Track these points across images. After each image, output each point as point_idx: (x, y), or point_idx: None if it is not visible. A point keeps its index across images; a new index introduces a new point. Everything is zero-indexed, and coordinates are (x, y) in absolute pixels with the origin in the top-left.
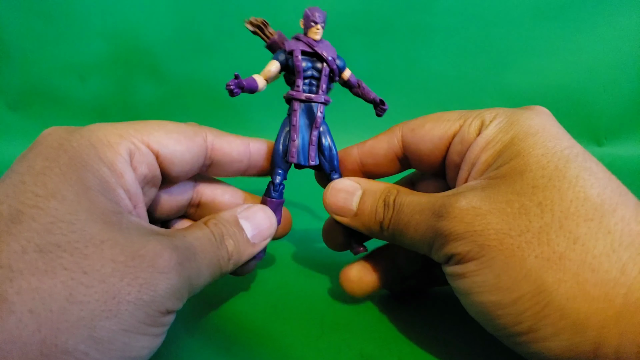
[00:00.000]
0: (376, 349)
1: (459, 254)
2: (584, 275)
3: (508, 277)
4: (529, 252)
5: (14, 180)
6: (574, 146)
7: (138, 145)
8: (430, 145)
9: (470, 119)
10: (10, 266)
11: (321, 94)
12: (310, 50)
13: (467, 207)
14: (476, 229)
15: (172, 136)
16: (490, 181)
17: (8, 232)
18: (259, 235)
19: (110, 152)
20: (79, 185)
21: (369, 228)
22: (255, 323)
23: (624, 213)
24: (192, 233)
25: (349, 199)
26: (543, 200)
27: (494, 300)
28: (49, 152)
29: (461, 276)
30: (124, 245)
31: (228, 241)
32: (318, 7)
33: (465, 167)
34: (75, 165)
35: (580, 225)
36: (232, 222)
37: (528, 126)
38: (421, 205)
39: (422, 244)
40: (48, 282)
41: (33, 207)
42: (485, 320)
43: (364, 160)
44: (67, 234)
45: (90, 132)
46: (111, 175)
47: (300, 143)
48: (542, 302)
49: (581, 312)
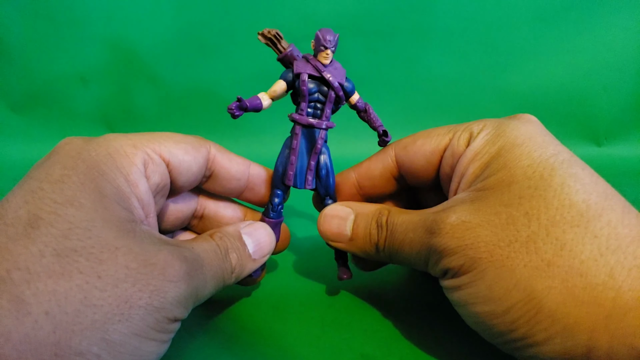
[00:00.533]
0: (376, 349)
1: (452, 268)
2: (573, 280)
3: (499, 287)
4: (517, 262)
5: (33, 187)
6: (560, 153)
7: (151, 155)
8: (423, 160)
9: (459, 132)
10: (28, 269)
11: (324, 119)
12: (318, 75)
13: (457, 222)
14: (467, 243)
15: (180, 146)
16: (479, 193)
17: (27, 236)
18: (260, 252)
19: (127, 162)
20: (96, 193)
21: (365, 251)
22: (256, 323)
23: (610, 217)
24: (199, 245)
25: (342, 225)
26: (529, 210)
27: (487, 310)
28: (67, 160)
29: (456, 289)
30: (137, 253)
31: (232, 255)
32: (330, 30)
33: (455, 179)
34: (92, 174)
35: (566, 232)
36: (236, 237)
37: (514, 137)
38: (413, 224)
39: (419, 261)
40: (64, 284)
41: (51, 213)
42: (482, 330)
43: (361, 182)
44: (84, 240)
45: (107, 142)
46: (127, 185)
47: (299, 167)
48: (533, 309)
49: (571, 316)
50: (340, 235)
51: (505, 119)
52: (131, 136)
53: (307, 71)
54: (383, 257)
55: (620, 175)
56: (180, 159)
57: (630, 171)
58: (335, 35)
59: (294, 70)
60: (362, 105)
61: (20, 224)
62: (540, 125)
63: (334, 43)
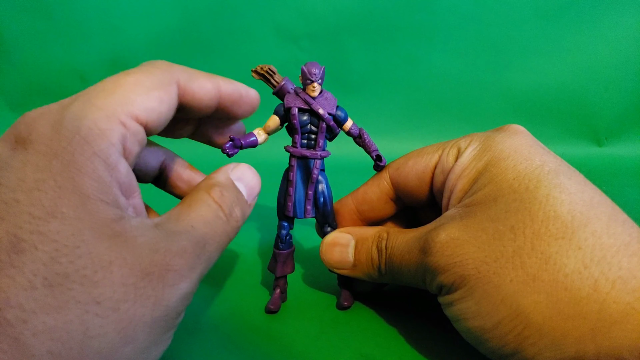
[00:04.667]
0: (376, 349)
1: (445, 285)
2: (558, 294)
3: (487, 303)
4: (504, 277)
5: (6, 198)
6: (545, 163)
7: (128, 123)
8: (416, 180)
9: (447, 149)
10: (22, 305)
11: (318, 149)
12: (307, 107)
13: (446, 239)
14: (455, 261)
15: (153, 95)
16: (467, 209)
17: (11, 265)
18: (252, 194)
19: (104, 144)
20: (77, 196)
21: (369, 275)
22: (255, 323)
23: (595, 227)
24: (200, 217)
25: (344, 252)
26: (515, 224)
27: (478, 325)
28: (38, 160)
29: (450, 305)
30: (133, 263)
31: (236, 210)
32: (316, 63)
33: (445, 195)
34: (70, 172)
35: (551, 245)
36: (231, 186)
37: (500, 150)
38: (408, 245)
39: (418, 280)
40: (62, 319)
41: (33, 232)
42: (477, 344)
43: (360, 207)
44: (74, 261)
45: (78, 122)
46: (106, 171)
47: (297, 197)
48: (520, 324)
49: (558, 330)
50: (344, 262)
51: (492, 131)
52: (100, 103)
53: (296, 105)
54: (387, 279)
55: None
56: (157, 113)
57: (631, 171)
58: (321, 67)
59: (284, 105)
60: (355, 131)
61: (2, 249)
62: (528, 135)
63: (319, 75)
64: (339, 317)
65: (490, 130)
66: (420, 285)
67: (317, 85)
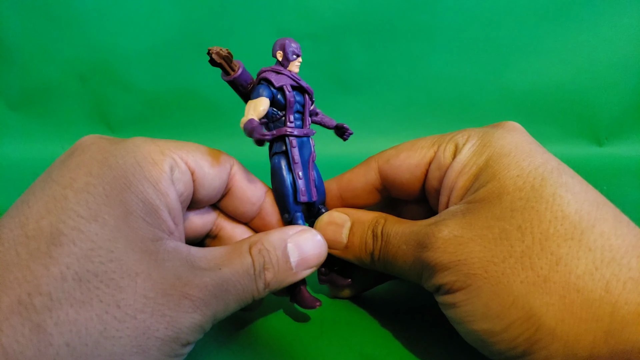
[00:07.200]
0: (376, 349)
1: (446, 284)
2: (570, 296)
3: (497, 305)
4: (514, 278)
5: (56, 194)
6: (548, 162)
7: (178, 162)
8: (408, 174)
9: (444, 144)
10: (50, 294)
11: (309, 126)
12: (296, 84)
13: (449, 236)
14: (460, 259)
15: (207, 158)
16: (469, 206)
17: (48, 255)
18: (304, 264)
19: (156, 171)
20: (121, 208)
21: (360, 259)
22: (255, 323)
23: (602, 228)
24: (231, 265)
25: (338, 232)
26: (522, 224)
27: (485, 328)
28: (92, 165)
29: (452, 306)
30: (156, 280)
31: (268, 272)
32: (292, 38)
33: (444, 192)
34: (119, 185)
35: (561, 246)
36: (279, 248)
37: (501, 146)
38: (406, 236)
39: (412, 274)
40: (84, 314)
41: (74, 228)
42: (481, 347)
43: (344, 194)
44: (105, 263)
45: (134, 148)
46: (156, 195)
47: (306, 180)
48: (532, 327)
49: (571, 334)
50: (336, 242)
51: (489, 127)
52: (158, 142)
53: (288, 83)
54: (378, 267)
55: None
56: (205, 171)
57: (631, 171)
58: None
59: (274, 84)
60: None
61: (42, 238)
62: (525, 133)
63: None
64: (339, 317)
65: (486, 126)
66: (413, 279)
67: (301, 60)
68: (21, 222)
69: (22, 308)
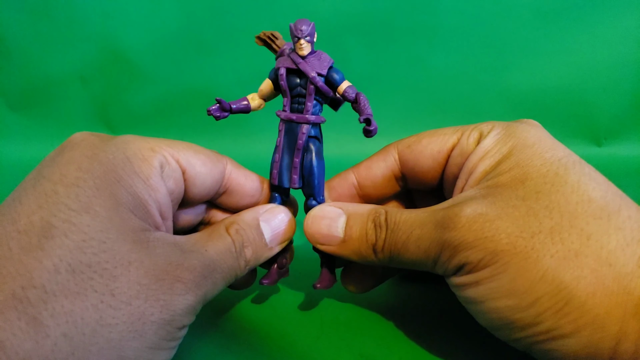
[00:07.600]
0: (376, 349)
1: (470, 262)
2: (602, 270)
3: (525, 280)
4: (544, 253)
5: (46, 189)
6: (570, 155)
7: (169, 159)
8: (430, 160)
9: (468, 131)
10: (44, 287)
11: (306, 113)
12: (295, 67)
13: (473, 214)
14: (486, 235)
15: (199, 157)
16: (490, 190)
17: (40, 248)
18: (277, 239)
19: (146, 166)
20: (111, 200)
21: (360, 254)
22: (255, 323)
23: (629, 212)
24: (214, 246)
25: (332, 226)
26: (549, 204)
27: (510, 304)
28: (82, 161)
29: (473, 285)
30: (148, 267)
31: (247, 249)
32: (306, 20)
33: (462, 176)
34: (109, 179)
35: (590, 223)
36: (253, 226)
37: (525, 138)
38: (420, 220)
39: (426, 260)
40: (80, 304)
41: (65, 221)
42: (499, 326)
43: (362, 183)
44: (98, 254)
45: (124, 144)
46: (145, 190)
47: (283, 165)
48: (562, 300)
49: (602, 307)
50: (331, 237)
51: (512, 122)
52: (149, 139)
53: (285, 65)
54: (381, 260)
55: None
56: (197, 170)
57: (631, 171)
58: (311, 23)
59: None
60: (351, 95)
61: (33, 233)
62: (545, 130)
63: (307, 32)
64: (339, 317)
65: (509, 121)
66: (424, 266)
67: (305, 43)
68: (13, 219)
69: (16, 302)
